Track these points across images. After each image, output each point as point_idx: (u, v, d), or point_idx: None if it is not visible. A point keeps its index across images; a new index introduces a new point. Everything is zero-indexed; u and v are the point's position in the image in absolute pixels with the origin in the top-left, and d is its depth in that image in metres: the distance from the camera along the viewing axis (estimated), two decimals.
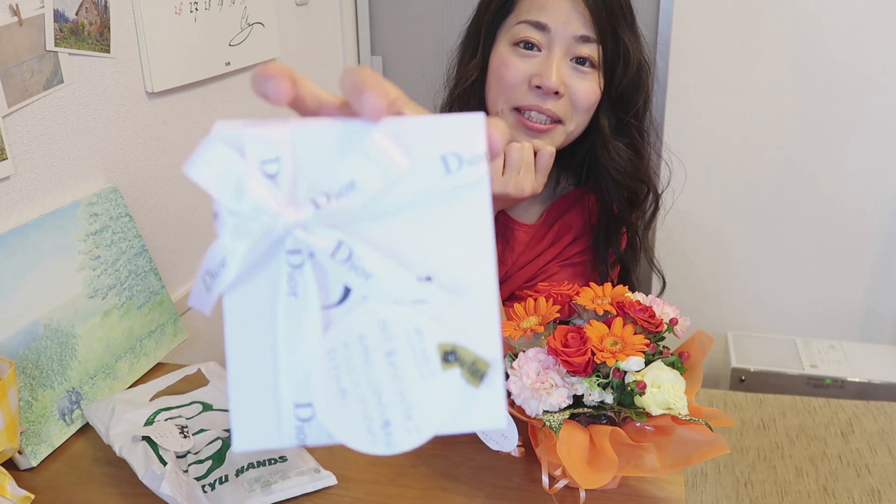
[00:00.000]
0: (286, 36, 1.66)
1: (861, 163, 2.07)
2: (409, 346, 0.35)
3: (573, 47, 0.93)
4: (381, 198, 0.34)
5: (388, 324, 0.34)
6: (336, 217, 0.34)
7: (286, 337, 0.35)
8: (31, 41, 0.97)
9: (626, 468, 0.77)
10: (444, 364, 0.35)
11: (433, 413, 0.35)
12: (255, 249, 0.34)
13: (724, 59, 2.05)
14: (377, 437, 0.35)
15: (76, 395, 0.98)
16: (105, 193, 1.10)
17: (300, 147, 0.34)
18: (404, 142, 0.34)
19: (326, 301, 0.35)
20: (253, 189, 0.33)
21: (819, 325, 2.24)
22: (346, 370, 0.34)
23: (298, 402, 0.35)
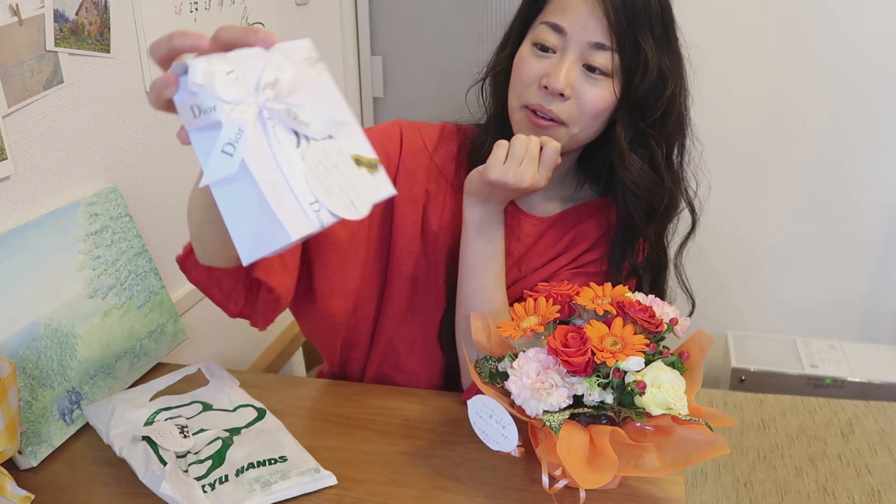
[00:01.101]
0: (286, 36, 1.65)
1: (861, 163, 2.07)
2: (340, 160, 0.61)
3: (587, 53, 0.92)
4: (292, 85, 0.59)
5: (328, 150, 0.60)
6: (279, 97, 0.58)
7: (286, 167, 0.57)
8: (31, 41, 0.97)
9: (626, 468, 0.77)
10: (357, 165, 0.62)
11: (367, 192, 0.62)
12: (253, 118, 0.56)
13: (725, 60, 2.05)
14: (353, 206, 0.60)
15: (76, 395, 0.98)
16: (105, 193, 1.10)
17: (239, 64, 0.56)
18: (287, 54, 0.59)
19: (293, 143, 0.58)
20: (232, 86, 0.55)
21: (819, 325, 2.24)
22: (322, 178, 0.59)
23: (310, 201, 0.57)
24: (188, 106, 0.56)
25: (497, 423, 0.80)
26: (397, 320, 1.07)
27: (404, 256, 1.04)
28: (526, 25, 0.98)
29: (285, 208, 0.55)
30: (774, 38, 2.01)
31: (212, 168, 0.55)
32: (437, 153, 1.06)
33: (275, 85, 0.57)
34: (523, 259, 1.06)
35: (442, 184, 1.05)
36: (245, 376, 1.08)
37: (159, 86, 0.57)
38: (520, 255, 1.06)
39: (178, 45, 0.57)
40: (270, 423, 0.94)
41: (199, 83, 0.54)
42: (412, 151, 1.05)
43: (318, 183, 0.58)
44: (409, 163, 1.04)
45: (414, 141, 1.05)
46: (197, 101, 0.55)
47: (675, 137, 1.01)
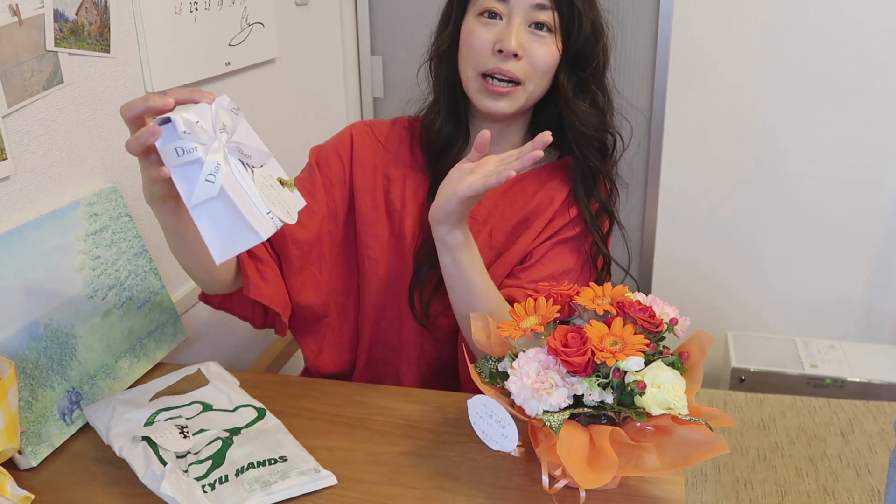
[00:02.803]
0: (286, 36, 1.66)
1: (861, 163, 2.07)
2: (272, 182, 0.80)
3: (531, 14, 1.03)
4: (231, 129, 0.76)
5: (265, 175, 0.79)
6: (230, 137, 0.75)
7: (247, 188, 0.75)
8: (31, 41, 0.97)
9: (626, 468, 0.77)
10: (282, 185, 0.81)
11: (293, 203, 0.81)
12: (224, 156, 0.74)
13: (724, 59, 2.05)
14: (289, 214, 0.79)
15: (76, 395, 0.98)
16: (105, 193, 1.10)
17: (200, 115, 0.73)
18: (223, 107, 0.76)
19: (246, 172, 0.76)
20: (204, 133, 0.73)
21: (819, 325, 2.24)
22: (268, 194, 0.77)
23: (266, 211, 0.76)
24: (172, 149, 0.72)
25: (497, 423, 0.80)
26: (376, 302, 1.16)
27: (370, 241, 1.13)
28: (464, 1, 1.08)
29: (254, 217, 0.74)
30: (778, 35, 2.01)
31: (198, 193, 0.73)
32: (390, 141, 1.17)
33: (224, 128, 0.75)
34: (488, 220, 1.13)
35: (400, 166, 1.15)
36: (245, 376, 1.08)
37: (145, 135, 0.72)
38: (483, 218, 1.13)
39: (153, 105, 0.73)
40: (270, 423, 0.94)
41: (185, 130, 0.71)
42: (364, 146, 1.15)
43: (268, 198, 0.77)
44: (361, 156, 1.15)
45: (364, 136, 1.17)
46: (180, 144, 0.72)
47: (610, 88, 1.12)
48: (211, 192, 0.72)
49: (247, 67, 1.49)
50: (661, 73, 1.99)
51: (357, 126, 1.18)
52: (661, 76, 1.99)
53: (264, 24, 1.52)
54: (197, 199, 0.72)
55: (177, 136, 0.71)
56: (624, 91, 1.86)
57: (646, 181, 2.10)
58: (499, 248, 1.13)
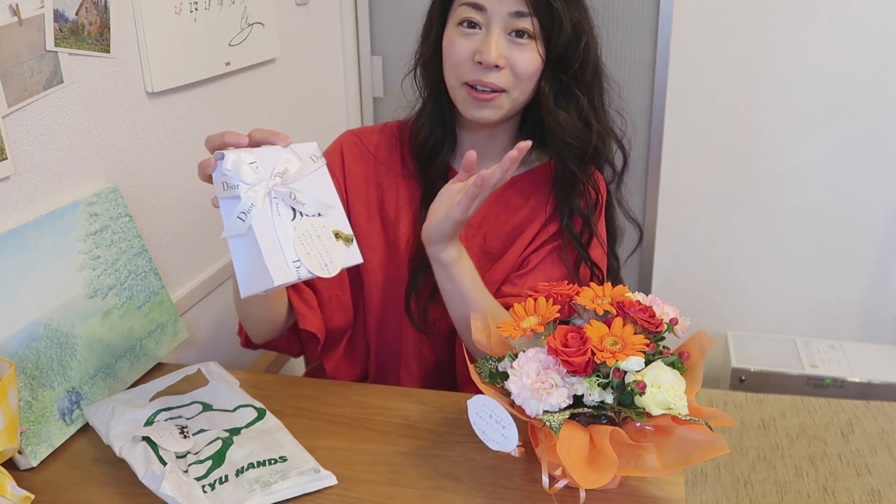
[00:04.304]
0: (286, 36, 1.66)
1: (861, 163, 2.07)
2: (324, 233, 0.84)
3: (509, 22, 1.01)
4: (296, 175, 0.83)
5: (314, 224, 0.83)
6: (285, 182, 0.82)
7: (280, 233, 0.80)
8: (31, 41, 0.97)
9: (626, 468, 0.77)
10: (336, 239, 0.85)
11: (339, 259, 0.84)
12: (263, 198, 0.79)
13: (724, 59, 2.05)
14: (326, 268, 0.82)
15: (76, 395, 0.98)
16: (105, 193, 1.10)
17: (260, 157, 0.81)
18: (297, 153, 0.84)
19: (289, 217, 0.81)
20: (251, 173, 0.79)
21: (819, 325, 2.24)
22: (306, 244, 0.81)
23: (293, 259, 0.80)
24: (220, 182, 0.79)
25: (497, 423, 0.80)
26: (377, 313, 1.16)
27: (367, 253, 1.13)
28: (445, 10, 1.07)
29: (274, 262, 0.78)
30: (778, 35, 2.01)
31: (230, 227, 0.79)
32: (380, 150, 1.17)
33: (283, 174, 0.81)
34: (482, 224, 1.14)
35: (392, 175, 1.15)
36: (245, 376, 1.08)
37: (203, 165, 0.81)
38: (477, 223, 1.14)
39: (227, 141, 0.81)
40: (270, 423, 0.94)
41: (229, 168, 0.78)
42: (354, 159, 1.16)
43: (302, 247, 0.80)
44: (353, 170, 1.15)
45: (354, 149, 1.17)
46: (227, 179, 0.79)
47: (594, 84, 1.10)
48: (240, 229, 0.78)
49: (247, 67, 1.49)
50: (661, 73, 1.99)
51: (346, 138, 1.18)
52: (661, 76, 1.99)
53: (264, 24, 1.52)
54: (227, 233, 0.79)
55: (224, 173, 0.79)
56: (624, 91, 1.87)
57: (646, 181, 2.10)
58: (494, 254, 1.13)
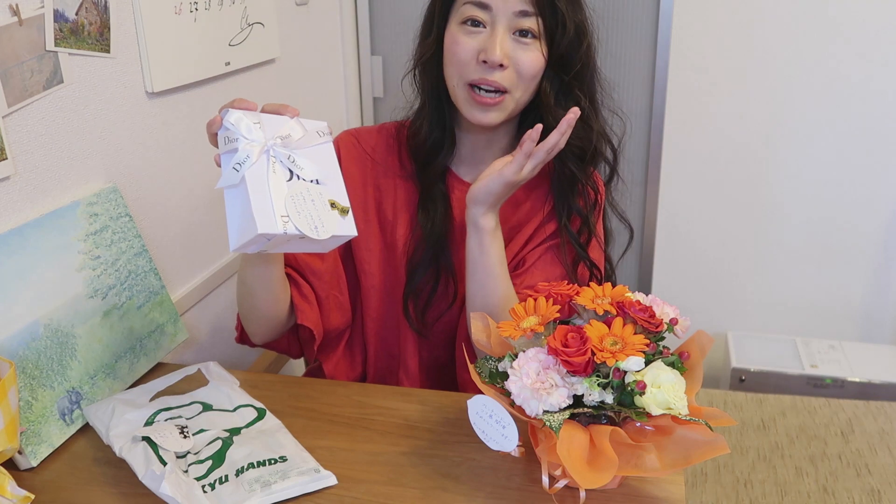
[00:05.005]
0: (286, 36, 1.66)
1: (861, 163, 2.07)
2: (319, 199, 0.85)
3: (514, 22, 1.01)
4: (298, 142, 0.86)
5: (310, 188, 0.85)
6: (286, 146, 0.84)
7: (273, 188, 0.82)
8: (31, 41, 0.97)
9: (626, 468, 0.77)
10: (332, 208, 0.85)
11: (331, 225, 0.84)
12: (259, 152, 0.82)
13: (724, 59, 2.05)
14: (316, 230, 0.82)
15: (76, 395, 0.98)
16: (105, 193, 1.10)
17: (266, 121, 0.85)
18: (303, 124, 0.87)
19: (285, 177, 0.84)
20: (253, 130, 0.83)
21: (819, 325, 2.24)
22: (297, 203, 0.82)
23: (282, 214, 0.81)
24: (222, 137, 0.83)
25: (497, 423, 0.80)
26: (376, 315, 1.16)
27: (364, 255, 1.14)
28: (447, 8, 1.06)
29: (261, 211, 0.79)
30: (778, 35, 2.01)
31: (225, 177, 0.82)
32: (378, 151, 1.16)
33: (285, 137, 0.84)
34: None
35: (390, 176, 1.15)
36: (245, 376, 1.08)
37: (210, 123, 0.84)
38: None
39: (238, 105, 0.84)
40: (270, 423, 0.94)
41: (231, 122, 0.82)
42: (351, 161, 1.15)
43: (293, 205, 0.82)
44: (350, 171, 1.14)
45: (351, 150, 1.16)
46: (228, 134, 0.82)
47: (594, 85, 1.10)
48: (233, 180, 0.81)
49: (247, 67, 1.49)
50: (661, 73, 1.99)
51: (343, 139, 1.17)
52: (661, 76, 1.99)
53: (264, 24, 1.52)
54: (222, 183, 0.82)
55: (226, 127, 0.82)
56: (624, 91, 1.86)
57: (646, 181, 2.10)
58: None
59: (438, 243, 1.10)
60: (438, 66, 1.08)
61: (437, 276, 1.11)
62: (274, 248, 0.85)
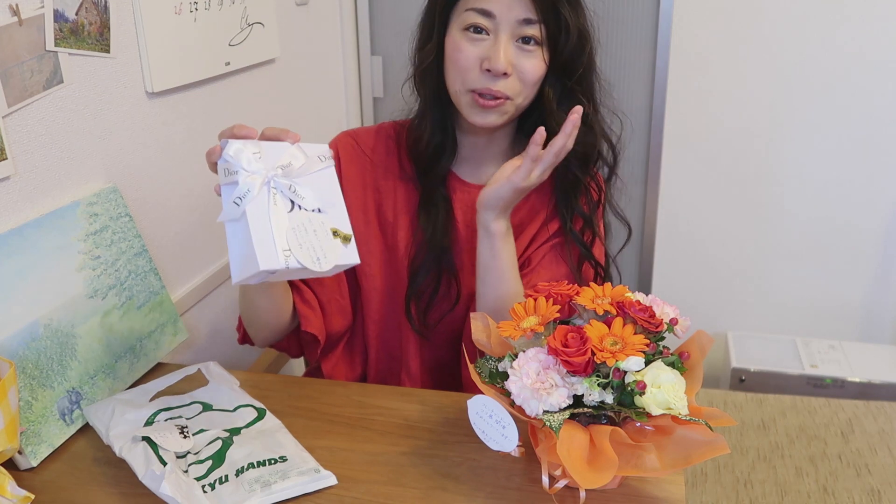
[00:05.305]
0: (286, 36, 1.66)
1: (861, 163, 2.07)
2: (321, 228, 0.84)
3: (517, 29, 1.01)
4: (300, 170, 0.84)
5: (311, 219, 0.83)
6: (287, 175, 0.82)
7: (274, 221, 0.80)
8: (31, 41, 0.97)
9: (626, 468, 0.77)
10: (334, 236, 0.84)
11: (333, 255, 0.83)
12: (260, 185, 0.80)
13: (724, 59, 2.05)
14: (318, 261, 0.81)
15: (76, 395, 0.98)
16: (105, 193, 1.10)
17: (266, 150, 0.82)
18: (304, 150, 0.85)
19: (286, 208, 0.82)
20: (253, 162, 0.80)
21: (819, 325, 2.24)
22: (299, 236, 0.81)
23: (284, 248, 0.80)
24: (223, 168, 0.81)
25: (497, 423, 0.80)
26: (377, 317, 1.16)
27: (365, 257, 1.13)
28: (447, 13, 1.05)
29: (263, 247, 0.79)
30: (778, 35, 2.01)
31: (226, 211, 0.81)
32: (377, 152, 1.15)
33: (286, 167, 0.82)
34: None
35: (390, 178, 1.14)
36: (245, 376, 1.08)
37: (209, 153, 0.82)
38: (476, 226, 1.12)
39: (237, 133, 0.82)
40: (270, 423, 0.94)
41: (231, 155, 0.80)
42: (351, 163, 1.14)
43: (294, 238, 0.81)
44: (349, 174, 1.13)
45: (350, 152, 1.15)
46: (228, 166, 0.80)
47: (595, 87, 1.10)
48: (235, 214, 0.80)
49: (247, 67, 1.49)
50: (661, 73, 1.99)
51: (342, 140, 1.16)
52: (661, 76, 1.99)
53: (264, 24, 1.52)
54: (223, 217, 0.81)
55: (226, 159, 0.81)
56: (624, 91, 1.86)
57: (646, 181, 2.10)
58: None
59: (441, 246, 1.10)
60: (439, 71, 1.07)
61: (438, 277, 1.11)
62: (277, 278, 0.85)
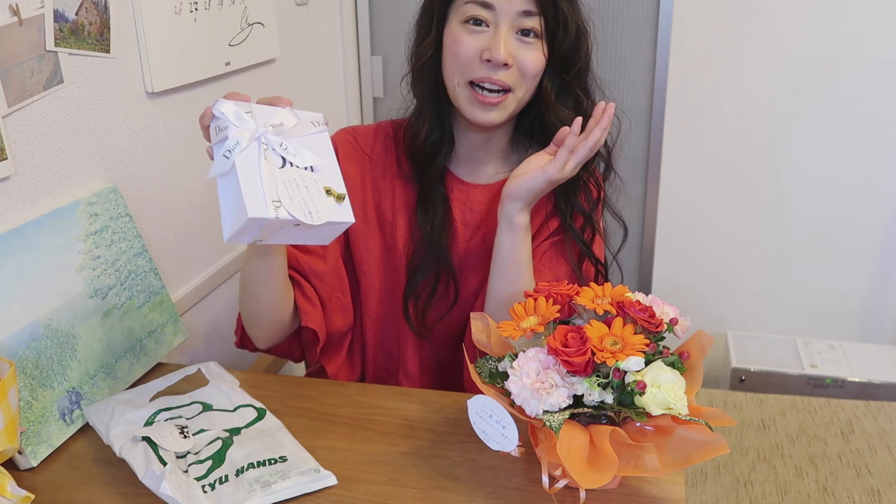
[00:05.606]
0: (286, 36, 1.66)
1: (861, 163, 2.07)
2: (313, 185, 0.82)
3: (517, 21, 1.01)
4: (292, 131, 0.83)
5: (303, 175, 0.82)
6: (279, 133, 0.82)
7: (265, 174, 0.79)
8: (31, 41, 0.97)
9: (626, 468, 0.77)
10: (327, 195, 0.83)
11: (326, 211, 0.81)
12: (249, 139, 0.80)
13: (724, 59, 2.05)
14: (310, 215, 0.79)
15: (76, 395, 0.98)
16: (105, 193, 1.10)
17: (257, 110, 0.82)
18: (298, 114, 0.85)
19: (277, 164, 0.81)
20: (244, 118, 0.80)
21: (819, 325, 2.24)
22: (290, 190, 0.80)
23: (273, 199, 0.78)
24: (214, 127, 0.82)
25: (497, 423, 0.80)
26: (375, 315, 1.16)
27: (364, 255, 1.13)
28: (446, 7, 1.06)
29: (252, 197, 0.77)
30: (778, 35, 2.01)
31: (216, 165, 0.80)
32: (376, 151, 1.15)
33: (277, 126, 0.82)
34: (482, 226, 1.14)
35: (388, 177, 1.14)
36: (245, 376, 1.08)
37: (202, 116, 0.83)
38: (476, 224, 1.14)
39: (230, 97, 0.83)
40: (270, 423, 0.94)
41: (221, 111, 0.80)
42: (350, 161, 1.14)
43: (285, 191, 0.80)
44: (349, 171, 1.12)
45: (349, 149, 1.15)
46: (219, 123, 0.81)
47: (592, 83, 1.11)
48: (224, 167, 0.79)
49: (247, 67, 1.49)
50: (661, 73, 1.99)
51: (341, 137, 1.16)
52: (661, 76, 1.99)
53: (264, 24, 1.52)
54: (213, 172, 0.80)
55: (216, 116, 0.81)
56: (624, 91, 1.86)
57: (646, 181, 2.10)
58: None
59: (439, 244, 1.10)
60: (437, 67, 1.07)
61: (437, 277, 1.11)
62: (269, 237, 0.83)
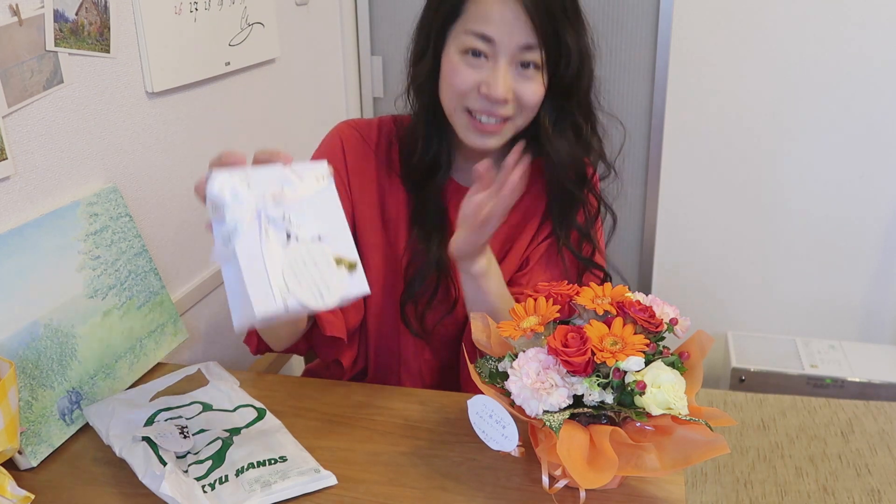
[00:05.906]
0: (286, 36, 1.66)
1: (861, 162, 2.07)
2: (322, 259, 0.76)
3: (517, 55, 0.98)
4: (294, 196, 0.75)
5: (311, 250, 0.75)
6: (280, 203, 0.74)
7: (268, 259, 0.72)
8: (31, 41, 0.97)
9: (626, 468, 0.77)
10: (338, 265, 0.76)
11: (338, 288, 0.76)
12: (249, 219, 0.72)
13: (724, 59, 2.05)
14: (321, 298, 0.74)
15: (76, 395, 0.98)
16: (105, 193, 1.10)
17: (255, 178, 0.74)
18: (299, 172, 0.77)
19: (281, 241, 0.74)
20: (240, 194, 0.72)
21: (819, 325, 2.24)
22: (298, 272, 0.73)
23: (281, 289, 0.72)
24: (210, 204, 0.74)
25: (497, 423, 0.80)
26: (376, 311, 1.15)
27: (368, 250, 1.11)
28: (445, 31, 1.02)
29: (258, 292, 0.71)
30: (777, 36, 2.01)
31: (217, 252, 0.74)
32: (380, 147, 1.13)
33: (278, 194, 0.74)
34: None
35: (392, 175, 1.12)
36: (245, 376, 1.08)
37: (196, 187, 0.76)
38: None
39: (225, 161, 0.76)
40: (270, 423, 0.94)
41: (215, 192, 0.72)
42: (356, 154, 1.12)
43: (293, 275, 0.73)
44: (355, 166, 1.11)
45: (354, 142, 1.12)
46: (214, 200, 0.73)
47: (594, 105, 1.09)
48: (225, 255, 0.73)
49: (247, 67, 1.49)
50: (661, 73, 1.99)
51: (345, 132, 1.13)
52: (661, 76, 1.99)
53: (264, 24, 1.52)
54: (214, 258, 0.75)
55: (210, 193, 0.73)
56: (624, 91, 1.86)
57: (646, 181, 2.10)
58: (495, 255, 1.12)
59: (436, 255, 1.09)
60: (434, 87, 1.05)
61: (436, 282, 1.10)
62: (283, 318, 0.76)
